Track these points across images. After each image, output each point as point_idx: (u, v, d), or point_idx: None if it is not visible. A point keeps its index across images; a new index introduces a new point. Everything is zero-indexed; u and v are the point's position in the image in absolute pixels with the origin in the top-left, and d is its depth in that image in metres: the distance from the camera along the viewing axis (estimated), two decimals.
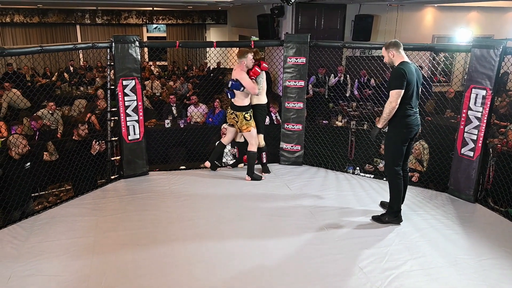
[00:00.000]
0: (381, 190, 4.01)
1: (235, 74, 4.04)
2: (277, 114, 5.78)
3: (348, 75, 7.50)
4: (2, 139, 5.31)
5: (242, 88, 3.98)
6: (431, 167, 4.29)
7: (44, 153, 4.02)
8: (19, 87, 7.15)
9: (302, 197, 3.85)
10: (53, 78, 9.85)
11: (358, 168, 4.54)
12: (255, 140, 4.18)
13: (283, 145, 4.69)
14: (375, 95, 4.69)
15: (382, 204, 3.63)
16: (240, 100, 4.07)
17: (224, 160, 4.96)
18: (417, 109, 3.23)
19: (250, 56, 4.03)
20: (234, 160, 4.76)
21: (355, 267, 2.75)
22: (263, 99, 4.25)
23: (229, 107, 4.21)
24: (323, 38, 7.88)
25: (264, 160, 4.41)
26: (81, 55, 11.96)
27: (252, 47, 4.76)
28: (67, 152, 4.14)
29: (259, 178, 4.23)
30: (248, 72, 4.03)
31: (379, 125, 3.23)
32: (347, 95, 7.32)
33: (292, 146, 4.67)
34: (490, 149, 3.90)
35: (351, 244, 3.02)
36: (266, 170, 4.42)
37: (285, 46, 4.56)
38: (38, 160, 3.94)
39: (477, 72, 3.66)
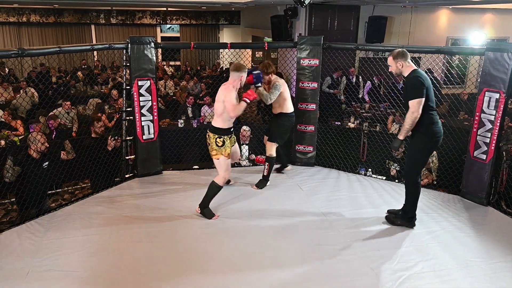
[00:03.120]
0: (393, 192, 4.03)
1: (224, 90, 3.34)
2: None
3: (360, 77, 7.51)
4: (21, 137, 5.45)
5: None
6: (444, 169, 4.30)
7: (62, 152, 4.11)
8: (44, 87, 7.28)
9: (314, 198, 3.89)
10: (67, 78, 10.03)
11: (370, 169, 4.57)
12: (224, 172, 3.41)
13: (297, 146, 4.74)
14: (387, 97, 4.71)
15: (389, 213, 3.50)
16: (218, 120, 3.36)
17: (240, 162, 5.01)
18: (438, 117, 3.19)
19: (245, 73, 3.44)
20: (279, 165, 4.52)
21: (366, 268, 2.78)
22: (285, 108, 4.05)
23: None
24: (336, 40, 7.91)
25: (265, 173, 4.07)
26: (95, 53, 12.15)
27: (266, 48, 4.83)
28: (86, 148, 4.24)
29: (208, 216, 3.44)
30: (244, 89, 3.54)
31: (401, 137, 3.12)
32: (360, 96, 7.34)
33: (304, 147, 4.72)
34: (504, 152, 3.89)
35: (363, 245, 3.05)
36: (260, 184, 4.07)
37: (299, 48, 4.61)
38: (55, 159, 4.03)
39: (491, 75, 3.66)
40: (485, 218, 3.60)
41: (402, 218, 3.30)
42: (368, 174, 4.49)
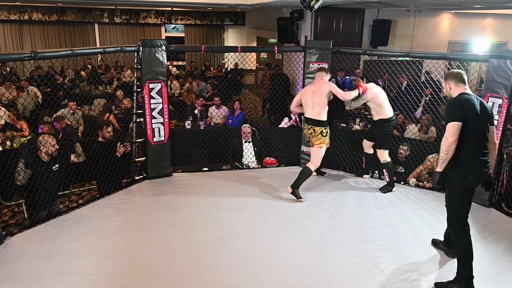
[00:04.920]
0: (400, 194, 4.15)
1: (321, 87, 3.99)
2: (296, 116, 5.97)
3: (365, 79, 7.65)
4: (28, 138, 5.35)
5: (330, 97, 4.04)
6: (448, 172, 4.42)
7: (72, 154, 4.09)
8: (53, 87, 7.23)
9: (322, 200, 3.96)
10: (65, 80, 9.73)
11: (377, 172, 4.70)
12: (319, 160, 4.01)
13: (304, 148, 4.86)
14: (391, 99, 4.85)
15: (434, 242, 3.20)
16: (322, 113, 3.97)
17: (246, 162, 5.14)
18: (487, 153, 2.69)
19: (329, 75, 4.20)
20: (360, 170, 4.66)
21: (375, 269, 2.85)
22: (383, 114, 4.11)
23: (304, 122, 4.17)
24: (342, 42, 8.04)
25: (388, 179, 4.21)
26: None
27: (276, 52, 4.98)
28: (93, 153, 4.21)
29: (298, 197, 3.94)
30: None
31: (439, 169, 2.69)
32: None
33: (308, 149, 4.85)
34: (504, 155, 4.04)
35: (372, 247, 3.12)
36: (384, 189, 4.22)
37: (308, 52, 4.73)
38: (66, 161, 3.99)
39: (494, 81, 3.79)
40: (488, 219, 3.73)
41: (457, 281, 2.68)
42: (375, 176, 4.63)
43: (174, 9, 12.79)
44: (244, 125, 5.21)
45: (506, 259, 3.04)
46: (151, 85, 4.19)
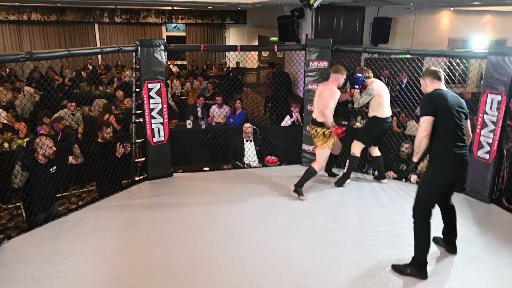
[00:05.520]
0: (401, 192, 4.17)
1: (327, 89, 3.91)
2: (297, 115, 5.98)
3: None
4: (26, 140, 5.25)
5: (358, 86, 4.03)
6: None
7: (70, 156, 4.04)
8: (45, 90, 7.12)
9: (323, 199, 3.98)
10: (65, 80, 9.69)
11: (371, 169, 4.71)
12: (324, 161, 4.02)
13: (305, 146, 4.88)
14: (392, 97, 4.85)
15: (436, 240, 3.16)
16: (320, 116, 3.93)
17: (247, 161, 5.16)
18: (464, 146, 2.74)
19: (345, 75, 4.00)
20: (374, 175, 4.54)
21: (377, 268, 2.86)
22: (379, 112, 4.07)
23: (310, 122, 4.17)
24: (342, 40, 8.05)
25: (345, 171, 4.26)
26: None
27: (276, 51, 4.99)
28: (93, 155, 4.17)
29: (300, 194, 3.98)
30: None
31: (414, 159, 2.83)
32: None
33: (313, 148, 4.86)
34: (504, 151, 4.05)
35: (373, 246, 3.13)
36: (337, 182, 4.27)
37: (308, 50, 4.74)
38: (64, 163, 3.92)
39: (493, 78, 3.81)
40: (488, 215, 3.76)
41: (411, 265, 2.81)
42: (376, 174, 4.65)
43: (174, 8, 12.79)
44: (245, 125, 5.22)
45: (506, 254, 3.06)
46: (150, 85, 4.19)
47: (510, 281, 2.77)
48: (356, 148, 4.18)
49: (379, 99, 4.07)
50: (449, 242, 3.09)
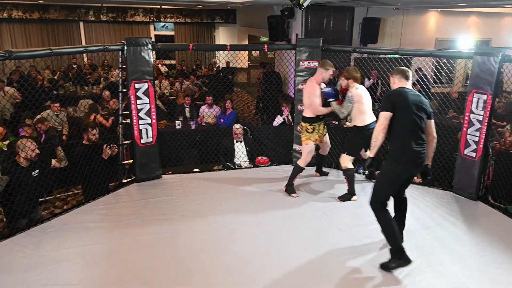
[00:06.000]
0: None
1: (307, 86, 4.00)
2: (288, 115, 5.99)
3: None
4: (6, 142, 4.99)
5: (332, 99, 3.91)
6: (437, 167, 4.51)
7: (53, 159, 3.91)
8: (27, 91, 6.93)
9: (315, 198, 3.99)
10: (55, 77, 9.63)
11: (362, 168, 4.74)
12: (307, 156, 4.04)
13: (296, 146, 4.88)
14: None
15: None
16: (308, 111, 4.01)
17: (238, 162, 5.15)
18: (422, 143, 2.80)
19: (330, 71, 3.96)
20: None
21: (369, 265, 2.89)
22: (358, 121, 3.85)
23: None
24: (332, 40, 8.09)
25: (347, 187, 3.96)
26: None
27: (266, 51, 4.97)
28: (78, 157, 4.04)
29: (291, 192, 4.04)
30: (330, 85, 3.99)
31: (370, 154, 2.88)
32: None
33: None
34: (490, 149, 4.12)
35: (365, 244, 3.16)
36: (342, 198, 3.97)
37: (298, 50, 4.74)
38: (47, 166, 3.80)
39: (479, 77, 3.88)
40: (475, 212, 3.83)
41: (392, 255, 2.85)
42: (366, 173, 4.67)
43: (162, 7, 12.65)
44: (235, 126, 5.19)
45: (493, 251, 3.13)
46: (137, 85, 4.13)
47: (497, 277, 2.83)
48: (345, 161, 3.94)
49: (360, 107, 3.83)
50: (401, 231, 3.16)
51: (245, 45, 10.42)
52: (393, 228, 2.83)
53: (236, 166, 5.03)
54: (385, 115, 2.77)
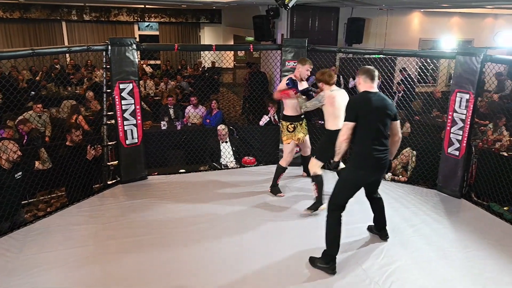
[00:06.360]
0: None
1: (285, 79, 4.03)
2: (275, 115, 5.98)
3: (341, 76, 7.76)
4: None
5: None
6: (421, 165, 4.57)
7: (36, 161, 3.82)
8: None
9: (302, 198, 3.98)
10: (37, 78, 9.42)
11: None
12: (288, 155, 4.03)
13: (282, 146, 4.88)
14: None
15: (370, 228, 3.38)
16: (288, 109, 4.00)
17: (224, 162, 5.11)
18: (384, 149, 2.77)
19: (307, 66, 3.94)
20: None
21: (354, 264, 2.92)
22: (329, 124, 3.64)
23: None
24: (317, 40, 8.12)
25: (315, 194, 3.71)
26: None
27: (251, 51, 4.95)
28: (61, 158, 3.99)
29: (276, 192, 4.03)
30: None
31: (336, 158, 2.90)
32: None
33: None
34: (473, 147, 4.19)
35: (350, 243, 3.17)
36: (312, 207, 3.72)
37: (284, 50, 4.75)
38: (30, 168, 3.73)
39: (461, 77, 3.94)
40: (459, 210, 3.89)
41: (322, 257, 2.87)
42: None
43: (147, 6, 12.52)
44: (219, 127, 5.15)
45: (476, 248, 3.18)
46: (121, 86, 4.09)
47: (480, 272, 2.87)
48: (314, 166, 3.69)
49: (333, 110, 3.58)
50: (380, 229, 3.27)
51: (231, 45, 10.39)
52: (335, 234, 2.83)
53: (223, 167, 5.00)
54: (347, 126, 2.75)
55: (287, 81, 3.92)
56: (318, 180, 3.70)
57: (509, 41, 9.80)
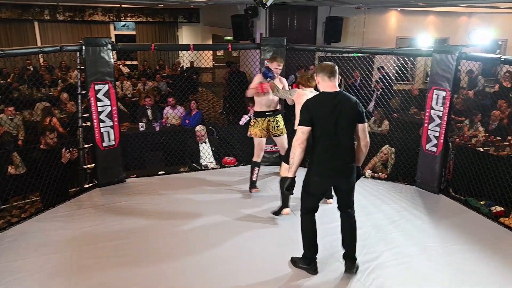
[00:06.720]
0: (357, 186, 4.12)
1: (257, 76, 4.11)
2: (252, 114, 5.93)
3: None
4: None
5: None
6: (400, 162, 4.63)
7: (9, 166, 3.72)
8: None
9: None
10: (8, 80, 9.17)
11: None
12: (256, 149, 4.09)
13: (265, 146, 4.85)
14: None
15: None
16: (255, 105, 4.08)
17: (204, 163, 5.03)
18: (342, 155, 2.56)
19: (275, 64, 3.92)
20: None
21: (336, 262, 2.92)
22: (296, 123, 3.43)
23: None
24: (296, 39, 8.13)
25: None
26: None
27: (230, 50, 4.92)
28: (35, 162, 3.88)
29: (252, 187, 4.11)
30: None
31: (289, 174, 2.61)
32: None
33: (271, 147, 4.85)
34: (450, 144, 4.28)
35: (332, 241, 3.15)
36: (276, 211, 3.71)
37: (263, 49, 4.73)
38: (2, 173, 3.63)
39: (438, 75, 4.01)
40: (438, 205, 3.96)
41: (301, 258, 2.84)
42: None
43: (122, 6, 12.26)
44: (196, 128, 5.10)
45: (455, 242, 3.24)
46: (97, 87, 4.01)
47: (459, 266, 2.93)
48: (283, 170, 3.65)
49: (298, 108, 3.47)
50: (346, 257, 2.81)
51: (209, 45, 10.31)
52: (309, 236, 2.76)
53: (203, 167, 4.94)
54: (302, 130, 2.50)
55: (265, 74, 3.90)
56: (281, 185, 3.61)
57: (483, 39, 10.10)
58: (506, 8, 8.70)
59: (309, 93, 3.56)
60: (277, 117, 4.11)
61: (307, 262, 2.80)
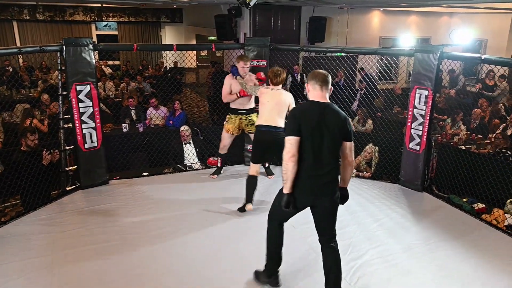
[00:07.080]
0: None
1: (228, 77, 4.37)
2: None
3: (305, 74, 7.83)
4: None
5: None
6: (384, 161, 4.68)
7: None
8: None
9: (268, 197, 3.92)
10: None
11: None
12: (221, 142, 4.46)
13: (247, 146, 4.82)
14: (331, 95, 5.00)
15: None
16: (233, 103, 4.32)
17: (188, 164, 4.98)
18: (327, 172, 2.32)
19: (241, 63, 4.14)
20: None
21: (321, 261, 2.83)
22: (258, 120, 3.68)
23: None
24: (280, 39, 8.15)
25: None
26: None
27: (214, 50, 4.89)
28: (14, 165, 3.79)
29: (216, 173, 4.54)
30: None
31: (285, 190, 2.34)
32: (305, 93, 7.62)
33: (251, 147, 4.83)
34: (433, 142, 4.35)
35: (317, 240, 3.17)
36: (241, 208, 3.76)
37: (246, 50, 4.70)
38: None
39: (420, 74, 4.05)
40: (421, 203, 4.00)
41: (265, 269, 2.65)
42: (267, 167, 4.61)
43: (104, 5, 12.05)
44: (181, 128, 5.05)
45: (438, 239, 3.28)
46: (78, 88, 3.94)
47: (443, 263, 2.96)
48: (250, 169, 3.66)
49: (261, 106, 3.65)
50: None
51: (193, 45, 10.23)
52: (273, 248, 2.57)
53: (187, 168, 4.88)
54: (290, 141, 2.27)
55: (232, 70, 4.24)
56: (247, 181, 3.65)
57: (464, 38, 10.32)
58: (486, 8, 8.93)
59: (272, 91, 3.66)
60: (250, 116, 4.32)
61: (269, 274, 2.60)
